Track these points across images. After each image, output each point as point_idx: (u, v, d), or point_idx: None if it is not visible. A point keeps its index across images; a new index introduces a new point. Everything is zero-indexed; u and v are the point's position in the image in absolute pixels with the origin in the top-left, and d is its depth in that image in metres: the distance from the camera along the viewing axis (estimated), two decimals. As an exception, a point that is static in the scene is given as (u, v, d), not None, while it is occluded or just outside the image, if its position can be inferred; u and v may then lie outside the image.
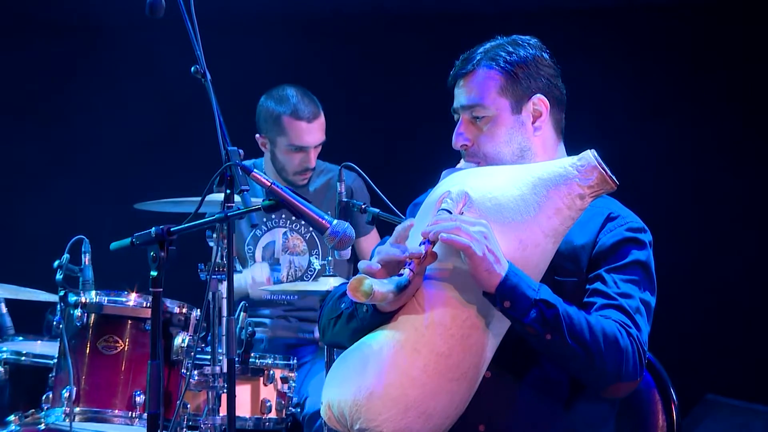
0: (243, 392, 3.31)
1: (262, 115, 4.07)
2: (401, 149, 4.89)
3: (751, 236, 4.74)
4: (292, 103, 4.00)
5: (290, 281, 4.08)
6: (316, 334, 3.91)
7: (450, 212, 2.17)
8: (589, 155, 2.22)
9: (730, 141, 4.75)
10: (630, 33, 4.83)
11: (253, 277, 3.90)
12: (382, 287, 2.09)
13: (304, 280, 4.07)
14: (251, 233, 4.07)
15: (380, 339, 2.19)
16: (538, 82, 2.39)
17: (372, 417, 2.13)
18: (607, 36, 4.84)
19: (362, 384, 2.14)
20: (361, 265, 2.19)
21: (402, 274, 2.12)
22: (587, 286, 2.30)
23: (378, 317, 2.22)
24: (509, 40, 2.43)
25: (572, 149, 2.38)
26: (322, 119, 4.04)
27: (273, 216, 4.07)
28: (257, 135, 4.08)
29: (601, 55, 4.79)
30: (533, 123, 2.39)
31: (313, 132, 4.01)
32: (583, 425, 2.31)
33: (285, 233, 4.11)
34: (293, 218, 4.04)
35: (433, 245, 2.14)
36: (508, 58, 2.38)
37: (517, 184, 2.21)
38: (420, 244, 2.14)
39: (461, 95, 2.41)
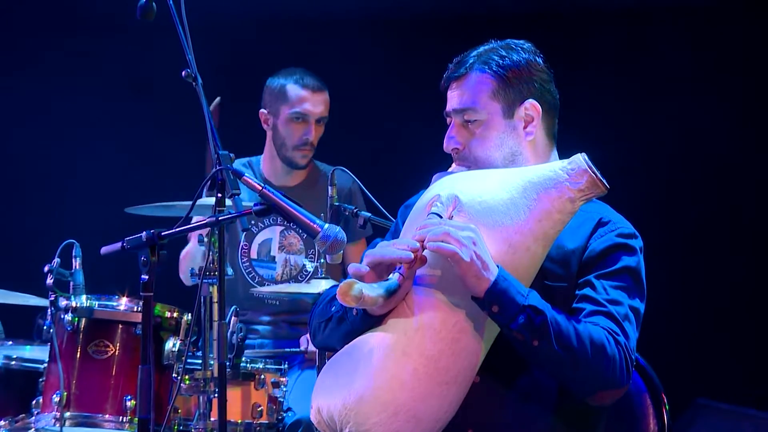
0: (234, 397, 3.30)
1: (268, 89, 4.13)
2: (393, 152, 4.89)
3: (742, 241, 4.75)
4: (299, 75, 4.09)
5: (284, 280, 4.08)
6: (303, 346, 3.90)
7: (440, 216, 2.17)
8: (580, 159, 2.22)
9: (720, 146, 4.76)
10: (624, 36, 4.84)
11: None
12: (372, 291, 2.09)
13: (299, 280, 4.07)
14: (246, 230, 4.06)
15: (370, 342, 2.19)
16: (531, 86, 2.39)
17: (361, 421, 2.13)
18: (599, 39, 4.84)
19: (351, 388, 2.14)
20: (351, 268, 2.19)
21: (391, 279, 2.12)
22: (576, 292, 2.30)
23: (368, 321, 2.23)
24: (503, 44, 2.43)
25: (564, 154, 2.38)
26: (326, 96, 4.09)
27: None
28: (261, 110, 4.12)
29: (595, 59, 4.80)
30: (525, 128, 2.39)
31: (316, 102, 4.05)
32: (571, 429, 2.31)
33: (282, 231, 4.11)
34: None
35: (423, 249, 2.14)
36: (500, 62, 2.38)
37: (507, 187, 2.21)
38: (409, 248, 2.14)
39: (453, 98, 2.41)
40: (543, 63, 2.43)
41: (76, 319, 3.23)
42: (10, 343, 3.72)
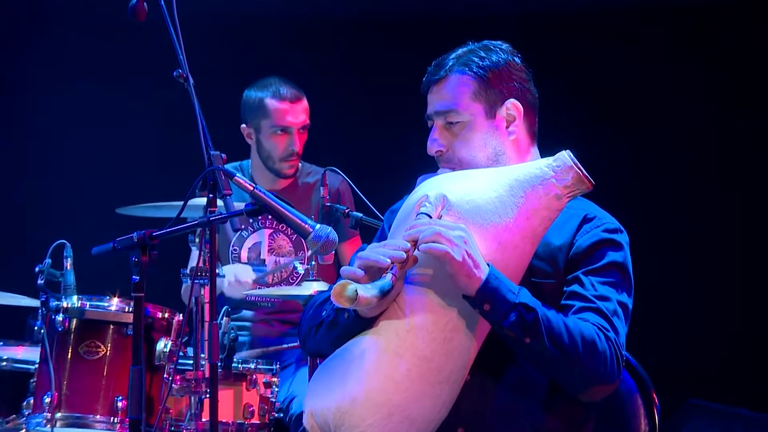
0: (225, 397, 3.30)
1: (246, 104, 4.10)
2: (384, 154, 4.89)
3: (733, 240, 4.76)
4: (274, 87, 4.05)
5: (276, 282, 4.08)
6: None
7: (429, 216, 2.17)
8: (565, 156, 2.24)
9: (707, 142, 4.77)
10: (607, 37, 4.85)
11: (236, 276, 3.86)
12: (366, 292, 2.09)
13: (290, 283, 4.07)
14: (237, 234, 4.07)
15: (362, 345, 2.19)
16: (511, 86, 2.40)
17: (356, 423, 2.13)
18: (584, 40, 4.85)
19: (345, 390, 2.14)
20: (344, 270, 2.19)
21: (385, 279, 2.12)
22: (564, 288, 2.31)
23: (359, 323, 2.22)
24: (481, 45, 2.44)
25: (546, 152, 2.39)
26: (305, 103, 4.07)
27: (259, 217, 4.07)
28: (242, 126, 4.10)
29: (578, 59, 4.81)
30: (507, 127, 2.40)
31: (296, 113, 4.03)
32: (562, 427, 2.32)
33: (271, 234, 4.11)
34: (279, 219, 4.03)
35: (414, 249, 2.14)
36: (480, 63, 2.39)
37: (494, 186, 2.22)
38: (401, 249, 2.14)
39: (434, 101, 2.42)
40: (521, 62, 2.45)
41: (67, 319, 3.22)
42: (1, 343, 3.71)
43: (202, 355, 3.08)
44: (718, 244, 4.76)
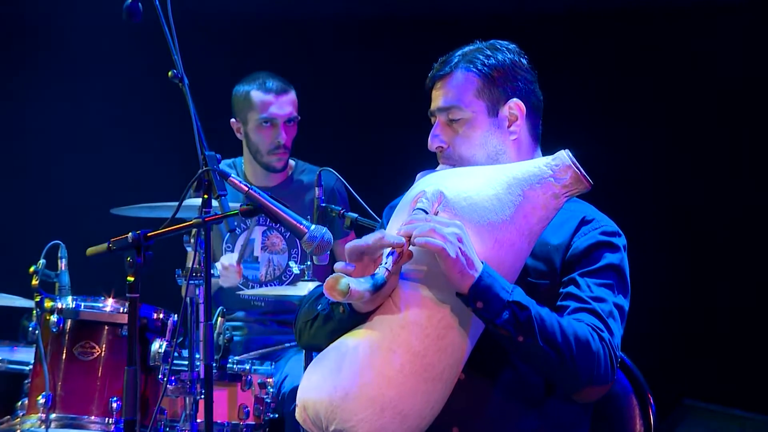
0: (220, 398, 3.30)
1: (235, 98, 4.14)
2: (379, 153, 4.89)
3: (727, 239, 4.76)
4: (261, 79, 4.09)
5: (268, 280, 4.08)
6: None
7: (426, 212, 2.17)
8: (563, 155, 2.24)
9: (700, 143, 4.78)
10: (602, 38, 4.86)
11: (221, 263, 3.88)
12: (359, 286, 2.09)
13: (282, 281, 4.07)
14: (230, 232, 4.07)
15: (356, 339, 2.19)
16: (515, 86, 2.40)
17: (347, 417, 2.13)
18: (581, 40, 4.86)
19: (338, 384, 2.14)
20: (337, 265, 2.19)
21: (378, 273, 2.12)
22: (561, 290, 2.31)
23: (354, 318, 2.23)
24: (488, 44, 2.44)
25: (547, 153, 2.38)
26: (292, 96, 4.10)
27: (252, 214, 4.07)
28: (232, 120, 4.13)
29: (578, 59, 4.81)
30: (509, 127, 2.40)
31: (282, 105, 4.06)
32: (557, 428, 2.32)
33: (264, 232, 4.12)
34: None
35: (409, 244, 2.14)
36: (486, 61, 2.39)
37: (492, 183, 2.22)
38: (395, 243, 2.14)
39: (438, 97, 2.42)
40: (527, 64, 2.44)
41: (62, 320, 3.22)
42: (-5, 344, 3.71)
43: (197, 356, 3.08)
44: (714, 243, 4.76)
